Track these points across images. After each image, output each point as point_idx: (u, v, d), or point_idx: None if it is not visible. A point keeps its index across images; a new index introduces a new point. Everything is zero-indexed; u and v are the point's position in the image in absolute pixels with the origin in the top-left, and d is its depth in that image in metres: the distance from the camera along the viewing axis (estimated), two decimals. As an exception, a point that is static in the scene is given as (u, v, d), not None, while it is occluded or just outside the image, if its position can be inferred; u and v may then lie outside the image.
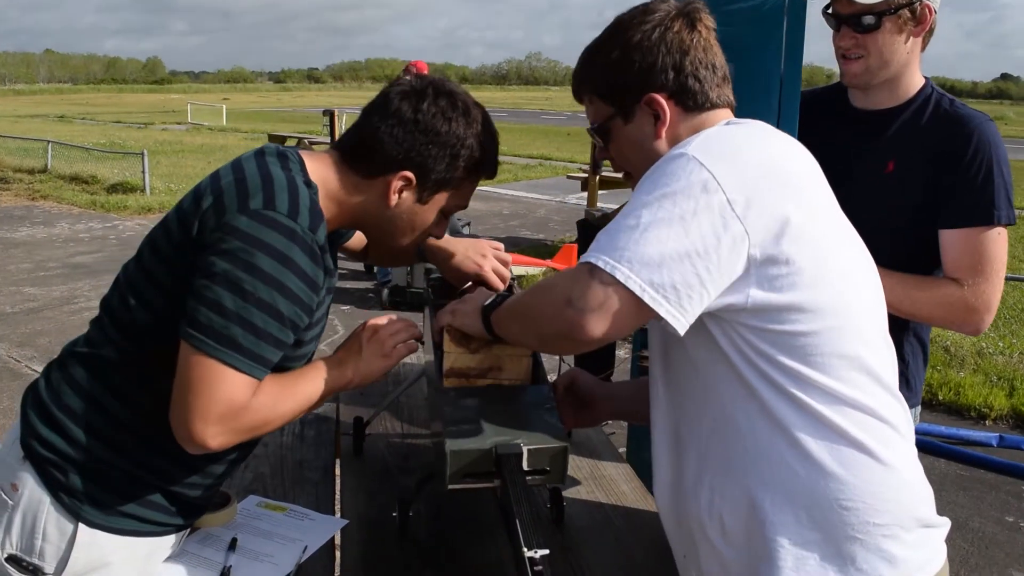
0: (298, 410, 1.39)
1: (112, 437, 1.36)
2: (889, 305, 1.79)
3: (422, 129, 1.40)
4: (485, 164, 1.47)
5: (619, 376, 3.83)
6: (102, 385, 1.36)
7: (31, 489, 1.34)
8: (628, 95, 1.30)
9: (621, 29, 1.31)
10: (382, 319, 1.52)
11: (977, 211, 1.77)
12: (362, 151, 1.42)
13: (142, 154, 12.91)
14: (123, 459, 1.36)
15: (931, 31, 1.84)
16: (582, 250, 2.21)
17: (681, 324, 1.12)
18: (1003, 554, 3.52)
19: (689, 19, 1.29)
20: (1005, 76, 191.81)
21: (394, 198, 1.43)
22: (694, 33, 1.28)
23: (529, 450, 1.34)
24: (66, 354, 1.42)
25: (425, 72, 8.00)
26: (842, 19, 1.81)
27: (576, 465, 1.95)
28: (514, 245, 9.16)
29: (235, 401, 1.25)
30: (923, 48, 1.86)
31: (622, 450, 2.16)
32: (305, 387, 1.40)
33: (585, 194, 8.79)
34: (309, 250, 1.28)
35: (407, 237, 1.50)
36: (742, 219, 1.11)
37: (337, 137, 10.43)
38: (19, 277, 7.84)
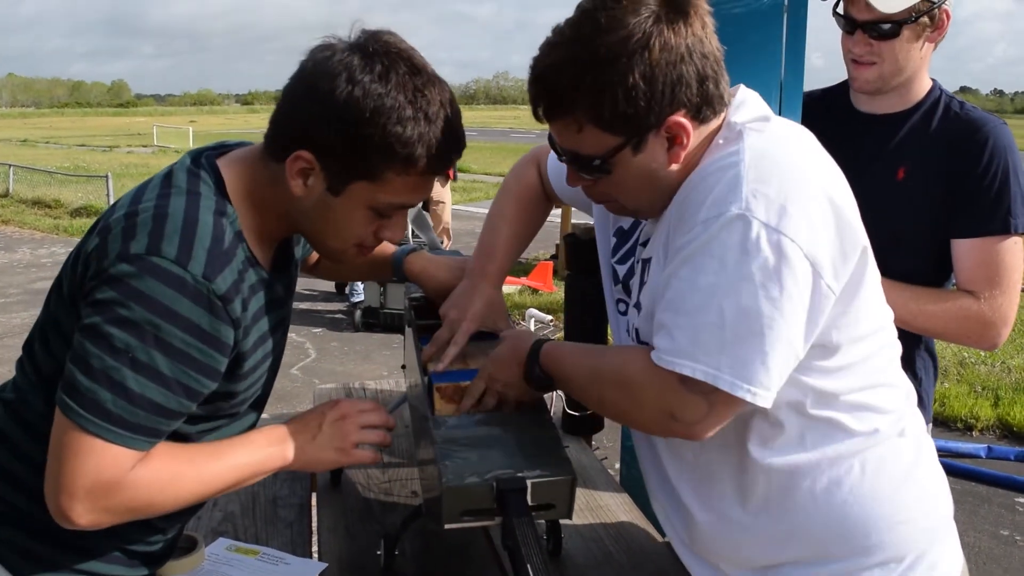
0: (206, 492, 1.18)
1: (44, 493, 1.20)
2: (901, 320, 1.69)
3: (319, 97, 1.10)
4: (414, 151, 1.12)
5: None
6: (30, 437, 1.20)
7: None
8: (645, 123, 1.09)
9: (629, 39, 1.05)
10: (358, 404, 1.33)
11: (993, 220, 1.68)
12: (270, 130, 1.18)
13: (106, 177, 12.66)
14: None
15: (943, 38, 1.76)
16: (572, 266, 2.08)
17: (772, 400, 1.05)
18: (1000, 569, 3.44)
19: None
20: (964, 88, 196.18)
21: (296, 184, 1.15)
22: (697, 18, 1.09)
23: (534, 483, 1.20)
24: None
25: None
26: (857, 24, 1.71)
27: (571, 495, 1.82)
28: (488, 263, 9.02)
29: (103, 476, 1.06)
30: (934, 49, 1.77)
31: (613, 470, 2.03)
32: (219, 465, 1.18)
33: (559, 211, 8.69)
34: (205, 301, 1.07)
35: (332, 237, 1.22)
36: (821, 272, 1.02)
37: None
38: (-22, 305, 7.59)
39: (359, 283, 6.96)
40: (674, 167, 1.13)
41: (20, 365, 1.25)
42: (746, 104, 1.17)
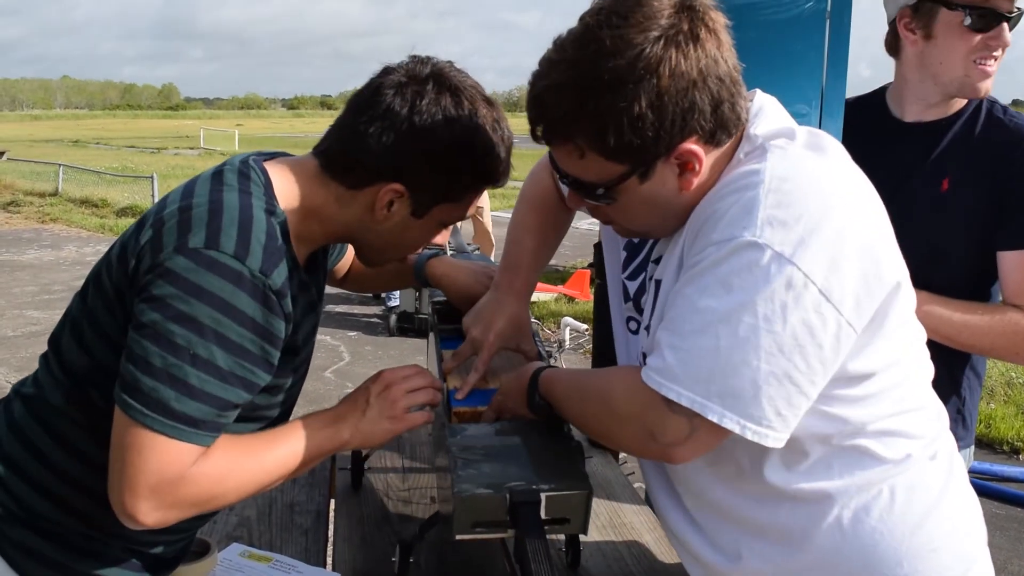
0: (268, 480, 1.17)
1: (59, 493, 1.18)
2: (945, 337, 1.61)
3: (417, 134, 1.15)
4: (492, 173, 1.24)
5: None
6: (47, 434, 1.18)
7: None
8: (653, 152, 1.02)
9: (635, 64, 0.97)
10: (400, 371, 1.31)
11: None
12: (344, 159, 1.19)
13: (151, 178, 12.87)
14: (71, 517, 1.19)
15: None
16: (600, 275, 2.04)
17: (783, 441, 0.99)
18: (1046, 600, 3.30)
19: (697, 15, 1.00)
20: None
21: (382, 212, 1.20)
22: (711, 36, 1.00)
23: (548, 497, 1.16)
24: (12, 394, 1.25)
25: None
26: (1001, 16, 1.59)
27: (594, 511, 1.76)
28: (525, 270, 8.98)
29: (168, 473, 1.05)
30: None
31: (638, 485, 1.97)
32: (278, 452, 1.17)
33: (599, 230, 8.62)
34: (261, 296, 1.07)
35: (397, 250, 1.30)
36: (839, 308, 0.95)
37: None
38: (23, 300, 7.74)
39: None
40: (687, 195, 1.07)
41: (44, 360, 1.24)
42: (764, 113, 1.10)
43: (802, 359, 0.95)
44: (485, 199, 8.13)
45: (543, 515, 1.16)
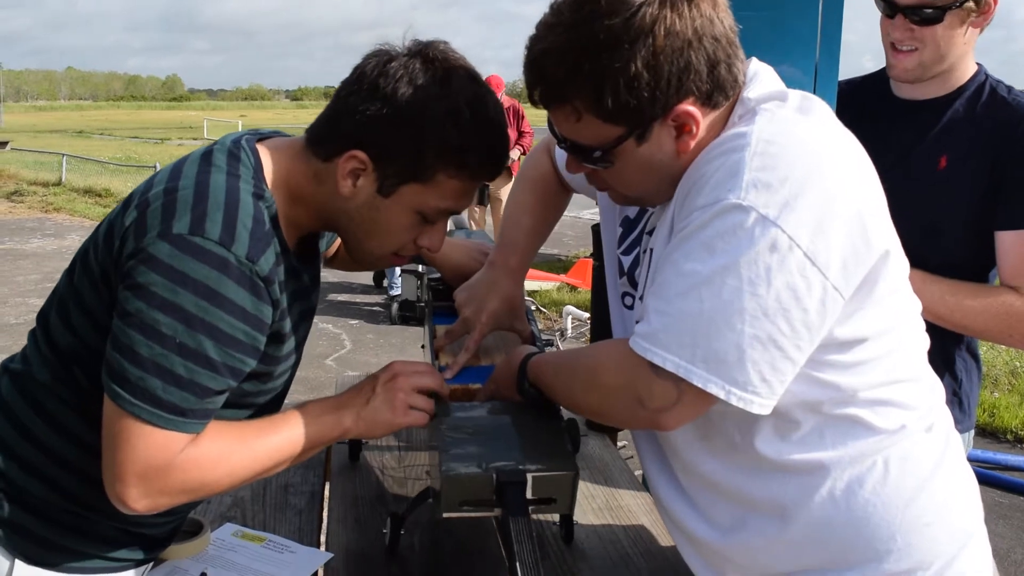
0: (262, 467, 1.15)
1: (45, 471, 1.17)
2: (938, 316, 1.60)
3: (380, 97, 1.10)
4: (469, 155, 1.14)
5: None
6: (33, 410, 1.17)
7: None
8: (649, 113, 1.01)
9: (631, 23, 0.96)
10: (411, 365, 1.28)
11: None
12: (320, 127, 1.17)
13: (155, 167, 12.87)
14: (59, 495, 1.18)
15: (988, 22, 1.65)
16: (598, 257, 2.02)
17: (769, 408, 0.97)
18: (1049, 589, 3.29)
19: None
20: None
21: (346, 184, 1.14)
22: None
23: (534, 477, 1.16)
24: (1, 370, 1.24)
25: (501, 88, 7.79)
26: (899, 8, 1.61)
27: (590, 493, 1.76)
28: (528, 260, 8.98)
29: (156, 461, 1.05)
30: (980, 32, 1.66)
31: (638, 473, 1.96)
32: (274, 439, 1.15)
33: (598, 208, 8.60)
34: (248, 283, 1.05)
35: (374, 239, 1.21)
36: (824, 271, 0.93)
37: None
38: (26, 288, 7.75)
39: (397, 276, 6.96)
40: (683, 158, 1.05)
41: (32, 336, 1.23)
42: (759, 77, 1.08)
43: (786, 323, 0.93)
44: (507, 191, 8.13)
45: (529, 495, 1.16)
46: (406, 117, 1.11)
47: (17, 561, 1.16)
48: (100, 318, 1.11)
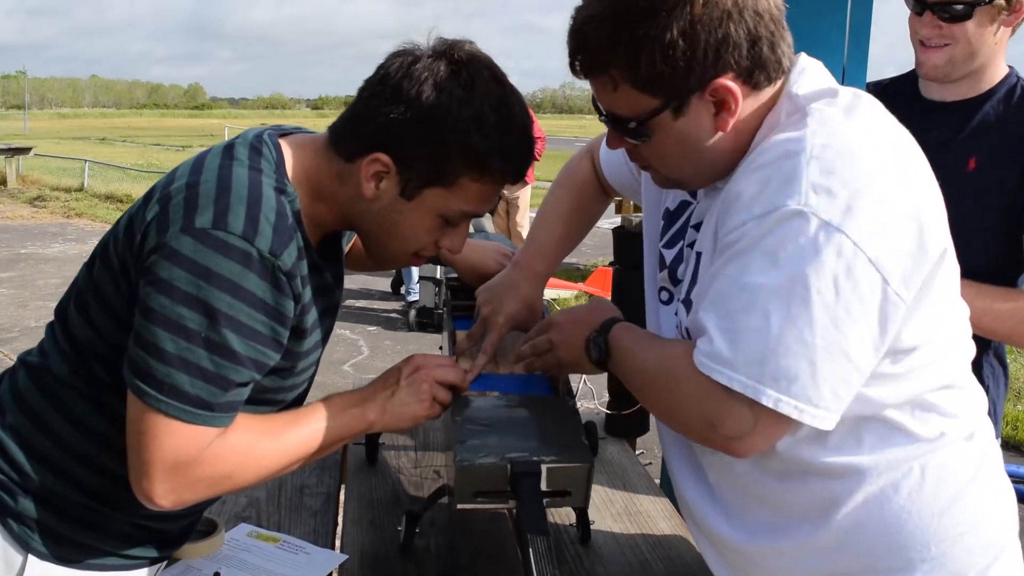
0: (288, 460, 1.15)
1: (61, 465, 1.16)
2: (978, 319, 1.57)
3: (403, 100, 1.09)
4: (493, 159, 1.12)
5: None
6: (49, 403, 1.17)
7: None
8: (685, 85, 1.00)
9: None
10: (432, 358, 1.28)
11: None
12: (343, 128, 1.16)
13: (176, 173, 12.97)
14: (74, 489, 1.17)
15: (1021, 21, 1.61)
16: (621, 260, 2.00)
17: (835, 422, 0.95)
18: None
19: None
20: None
21: (369, 186, 1.13)
22: None
23: (548, 468, 1.15)
24: (18, 363, 1.24)
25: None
26: (927, 4, 1.58)
27: (608, 498, 1.74)
28: (546, 268, 8.97)
29: (183, 456, 1.05)
30: (1012, 34, 1.63)
31: (658, 480, 1.94)
32: (299, 432, 1.15)
33: (619, 217, 8.58)
34: (270, 276, 1.05)
35: (395, 241, 1.19)
36: (888, 278, 0.91)
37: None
38: (47, 292, 7.81)
39: (415, 283, 6.96)
40: (720, 135, 1.03)
41: (50, 329, 1.22)
42: (807, 73, 1.06)
43: (856, 333, 0.91)
44: (524, 198, 8.13)
45: (544, 487, 1.16)
46: (430, 122, 1.09)
47: (31, 556, 1.15)
48: (119, 312, 1.10)
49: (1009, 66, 1.68)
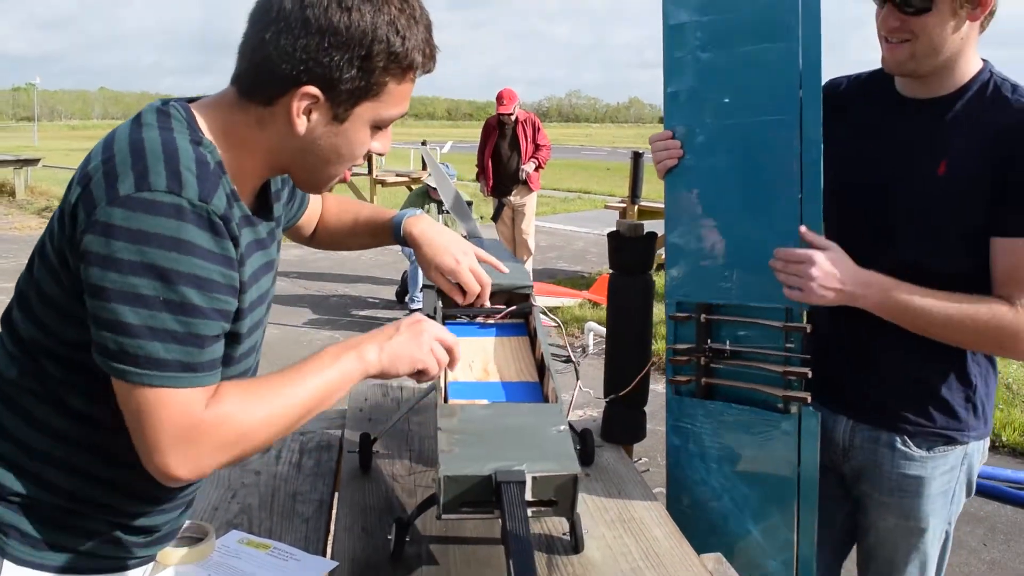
0: (295, 414, 1.14)
1: (28, 467, 1.16)
2: (925, 330, 1.57)
3: (315, 29, 1.08)
4: (415, 56, 1.14)
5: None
6: (6, 408, 1.16)
7: None
8: None
9: None
10: (433, 321, 1.30)
11: None
12: (253, 75, 1.13)
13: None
14: (45, 491, 1.16)
15: (992, 13, 1.58)
16: (615, 264, 1.99)
17: None
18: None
19: None
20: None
21: (300, 122, 1.12)
22: None
23: (533, 478, 1.14)
24: None
25: (515, 101, 7.84)
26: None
27: (602, 506, 1.72)
28: (550, 277, 8.98)
29: (182, 422, 1.04)
30: (981, 30, 1.60)
31: (657, 491, 1.93)
32: (301, 383, 1.14)
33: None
34: (206, 223, 1.04)
35: (333, 164, 1.19)
36: None
37: (374, 169, 10.29)
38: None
39: (418, 292, 6.97)
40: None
41: None
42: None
43: None
44: (530, 205, 8.12)
45: (530, 496, 1.15)
46: (350, 42, 1.09)
47: (5, 562, 1.15)
48: (62, 305, 1.10)
49: (984, 60, 1.64)
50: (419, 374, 1.27)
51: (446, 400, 1.39)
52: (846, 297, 1.57)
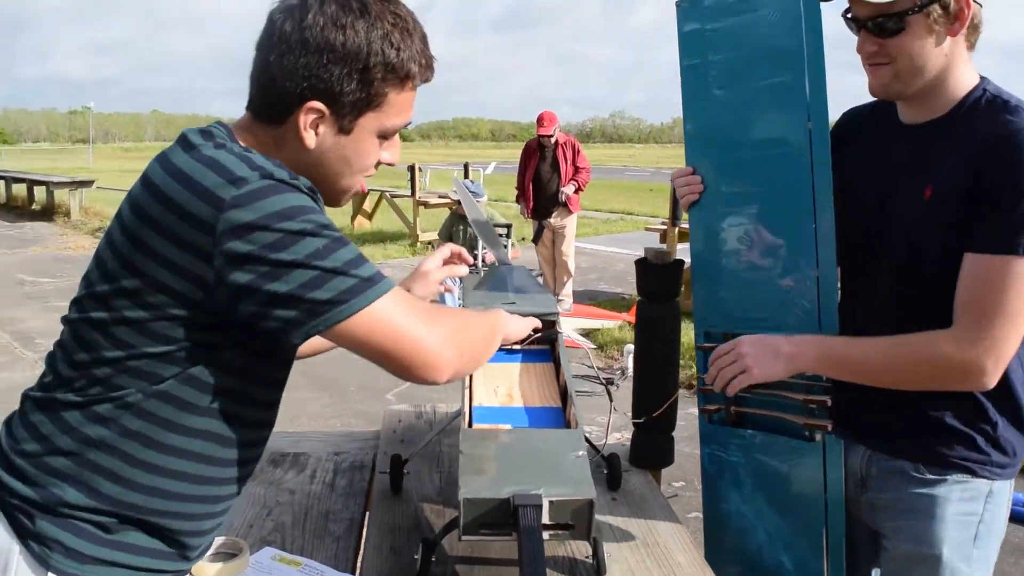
0: (486, 331, 1.34)
1: (77, 478, 1.22)
2: (869, 379, 1.57)
3: (314, 48, 1.16)
4: (409, 65, 1.22)
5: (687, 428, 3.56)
6: (58, 427, 1.21)
7: (1, 537, 1.21)
8: None
9: None
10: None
11: (999, 234, 1.41)
12: (262, 96, 1.22)
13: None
14: (94, 500, 1.21)
15: (976, 27, 1.51)
16: (643, 291, 2.02)
17: None
18: None
19: None
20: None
21: (308, 136, 1.20)
22: None
23: (551, 502, 1.18)
24: (23, 398, 1.29)
25: (555, 123, 7.96)
26: (860, 23, 1.52)
27: (627, 529, 1.75)
28: (591, 298, 8.99)
29: (419, 306, 1.18)
30: (971, 47, 1.53)
31: (693, 515, 1.93)
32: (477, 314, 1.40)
33: (664, 247, 8.57)
34: (308, 192, 1.13)
35: (346, 175, 1.27)
36: None
37: (416, 191, 10.44)
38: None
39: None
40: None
41: (50, 360, 1.25)
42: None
43: None
44: (571, 227, 8.17)
45: (547, 520, 1.18)
46: (347, 57, 1.17)
47: (50, 575, 1.20)
48: (141, 320, 1.14)
49: (982, 77, 1.55)
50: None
51: (470, 424, 1.43)
52: (786, 360, 1.59)
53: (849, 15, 1.56)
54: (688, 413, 5.35)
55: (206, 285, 1.11)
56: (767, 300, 1.80)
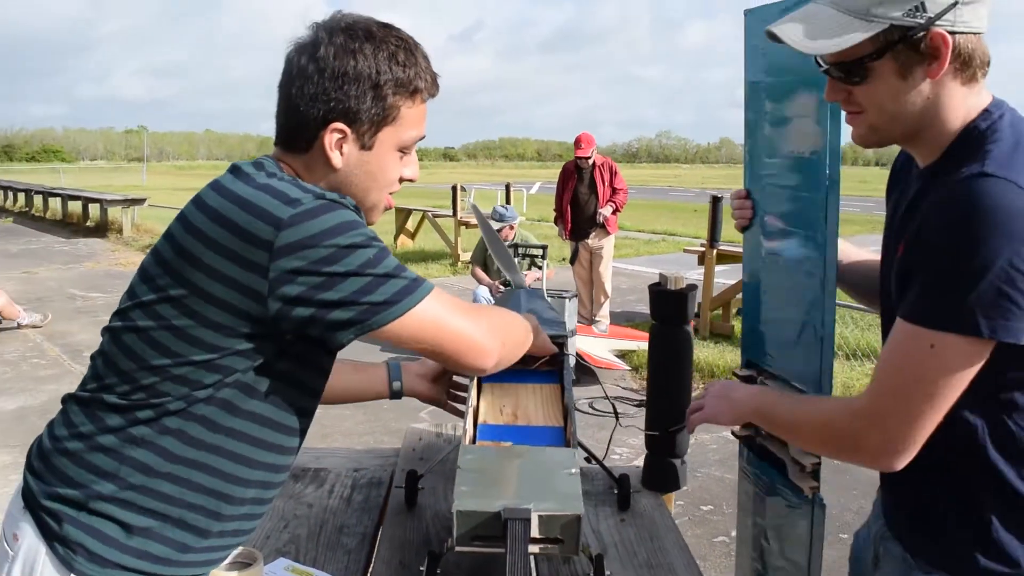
0: (521, 328, 1.51)
1: (114, 474, 1.28)
2: (787, 436, 1.60)
3: (330, 75, 1.30)
4: (414, 81, 1.35)
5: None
6: (98, 427, 1.29)
7: (29, 539, 1.29)
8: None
9: None
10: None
11: (913, 300, 1.25)
12: (288, 127, 1.35)
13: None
14: (126, 492, 1.28)
15: (968, 61, 1.28)
16: (656, 316, 2.04)
17: None
18: None
19: None
20: None
21: (335, 156, 1.33)
22: None
23: (539, 516, 1.23)
24: (64, 400, 1.38)
25: (592, 145, 8.06)
26: (827, 72, 1.35)
27: (633, 550, 1.78)
28: (628, 320, 9.00)
29: (456, 315, 1.30)
30: (968, 81, 1.29)
31: (719, 539, 1.96)
32: (505, 313, 1.53)
33: (703, 268, 8.56)
34: (352, 209, 1.26)
35: (373, 190, 1.39)
36: None
37: (458, 211, 10.58)
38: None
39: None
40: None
41: (93, 367, 1.34)
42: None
43: None
44: (608, 248, 8.23)
45: (536, 534, 1.23)
46: (360, 78, 1.30)
47: (73, 577, 1.28)
48: (191, 329, 1.23)
49: (986, 109, 1.32)
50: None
51: (474, 441, 1.49)
52: (731, 407, 1.62)
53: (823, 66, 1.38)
54: (720, 437, 5.34)
55: (259, 297, 1.21)
56: (783, 343, 1.83)
